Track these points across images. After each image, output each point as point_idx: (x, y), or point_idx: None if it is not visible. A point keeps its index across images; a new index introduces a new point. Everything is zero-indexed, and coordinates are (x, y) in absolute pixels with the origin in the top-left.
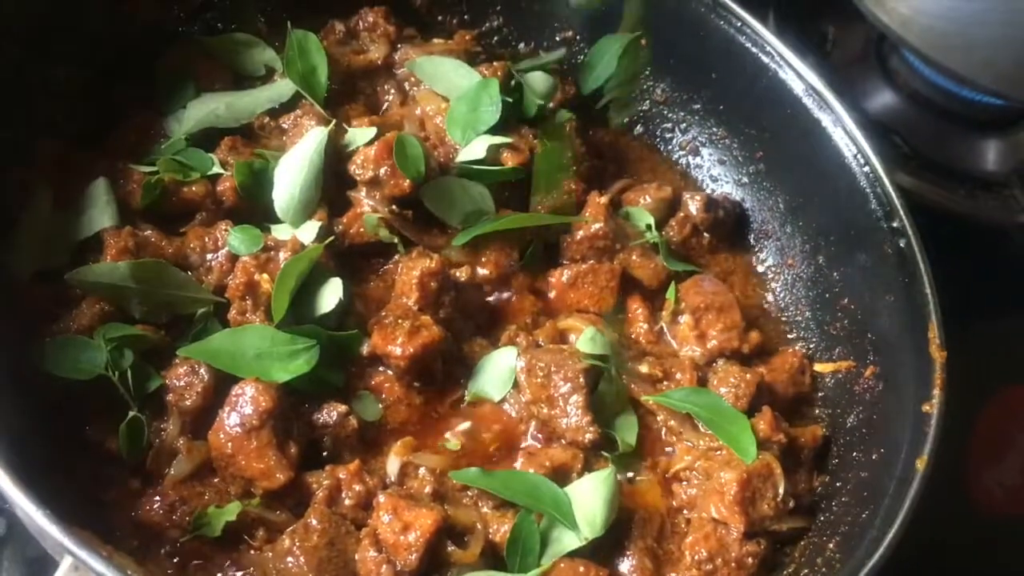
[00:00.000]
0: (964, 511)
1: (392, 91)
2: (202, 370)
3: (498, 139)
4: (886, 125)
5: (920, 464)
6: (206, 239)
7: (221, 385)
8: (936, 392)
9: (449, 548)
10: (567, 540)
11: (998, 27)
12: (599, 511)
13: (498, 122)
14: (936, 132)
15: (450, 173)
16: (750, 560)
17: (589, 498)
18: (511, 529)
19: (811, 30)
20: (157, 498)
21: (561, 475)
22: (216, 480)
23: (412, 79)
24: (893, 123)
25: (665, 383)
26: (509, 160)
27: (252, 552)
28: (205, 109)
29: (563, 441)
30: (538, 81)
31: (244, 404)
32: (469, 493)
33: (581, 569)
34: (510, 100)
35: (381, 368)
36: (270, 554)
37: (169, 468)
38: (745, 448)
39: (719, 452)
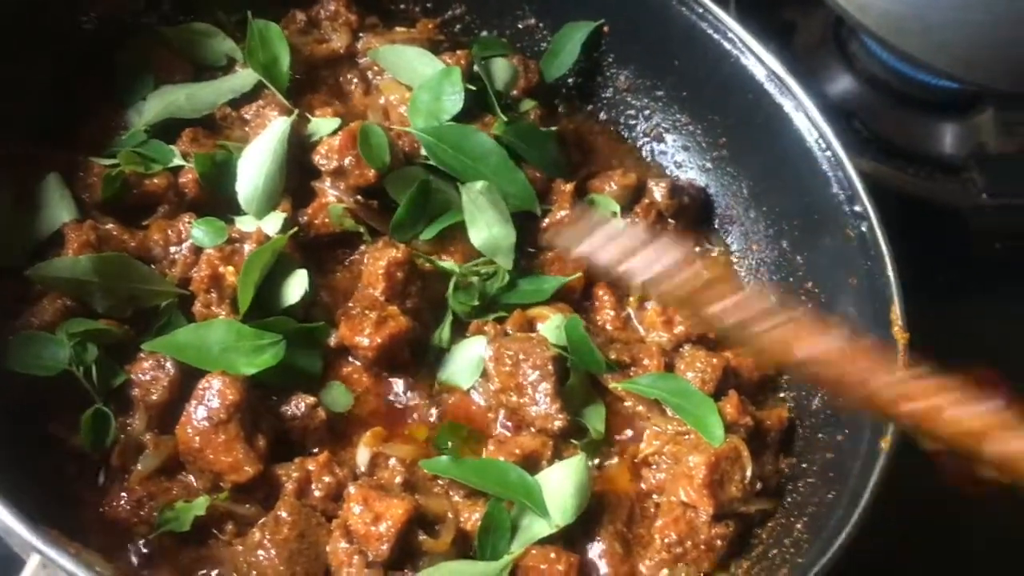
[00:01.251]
0: (934, 489)
1: (355, 80)
2: (168, 364)
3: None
4: (846, 109)
5: (884, 444)
6: (169, 232)
7: (187, 379)
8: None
9: (421, 537)
10: (537, 527)
11: (953, 11)
12: (570, 498)
13: (461, 111)
14: (894, 116)
15: (415, 163)
16: (719, 542)
17: (560, 485)
18: (482, 517)
19: (773, 16)
20: (123, 494)
21: (531, 463)
22: (183, 475)
23: (375, 68)
24: (852, 107)
25: (632, 369)
26: None
27: (222, 547)
28: (165, 100)
29: (532, 429)
30: (500, 69)
31: (211, 397)
32: (440, 482)
33: (552, 555)
34: (473, 88)
35: (349, 359)
36: (240, 548)
37: (136, 463)
38: (712, 432)
39: (687, 436)
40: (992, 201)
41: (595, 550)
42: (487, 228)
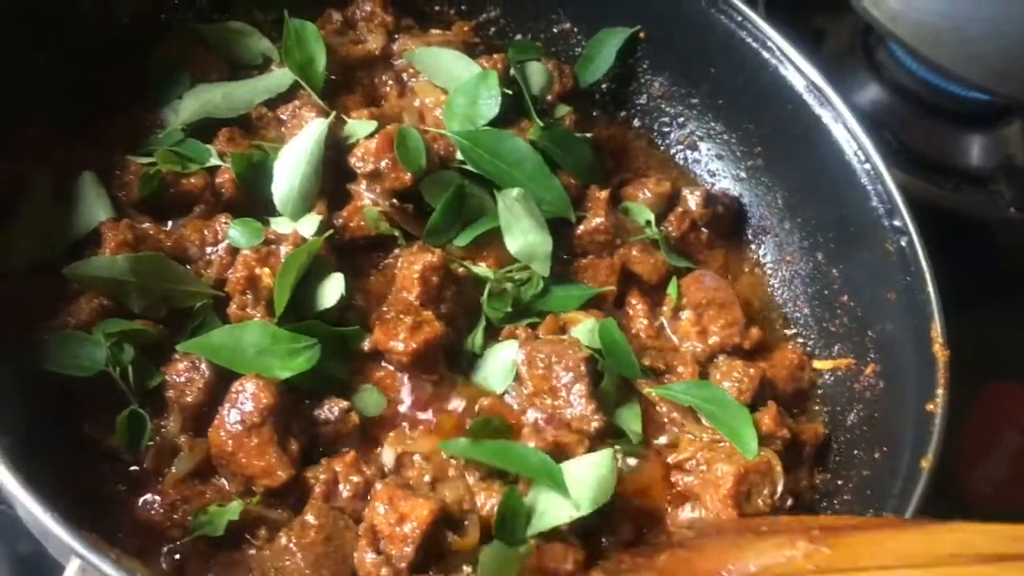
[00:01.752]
0: (958, 508)
1: (390, 82)
2: (203, 366)
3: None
4: (873, 118)
5: (925, 464)
6: (205, 232)
7: (222, 381)
8: (940, 391)
9: (449, 538)
10: (552, 514)
11: (987, 23)
12: (590, 490)
13: (497, 115)
14: (922, 126)
15: (450, 167)
16: None
17: (582, 474)
18: (498, 504)
19: (800, 23)
20: (157, 497)
21: (560, 454)
22: (217, 479)
23: (410, 70)
24: (879, 117)
25: (667, 376)
26: None
27: (253, 551)
28: (202, 99)
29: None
30: (535, 73)
31: (245, 401)
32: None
33: (559, 548)
34: (509, 92)
35: (383, 363)
36: (267, 552)
37: (170, 466)
38: (746, 443)
39: (722, 444)
40: (1020, 215)
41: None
42: (523, 235)
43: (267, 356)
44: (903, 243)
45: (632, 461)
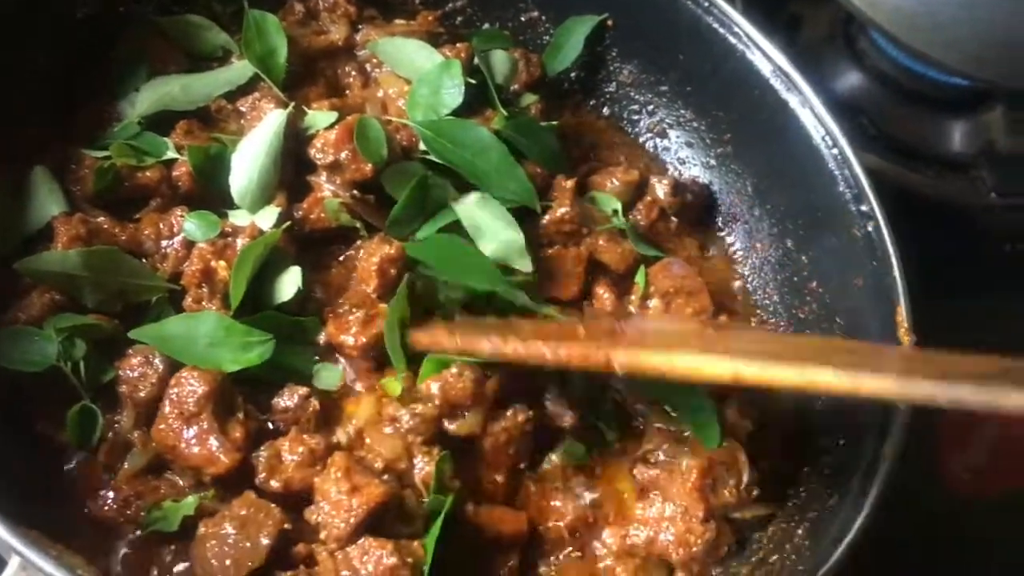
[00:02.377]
0: (938, 495)
1: (353, 73)
2: (156, 360)
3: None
4: (853, 106)
5: (888, 450)
6: (161, 225)
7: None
8: None
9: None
10: None
11: (965, 8)
12: None
13: (461, 105)
14: (902, 113)
15: (413, 157)
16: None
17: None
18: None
19: (779, 10)
20: (111, 493)
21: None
22: (171, 474)
23: (374, 61)
24: (860, 104)
25: None
26: None
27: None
28: (160, 91)
29: None
30: (500, 62)
31: (180, 392)
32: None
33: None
34: (473, 82)
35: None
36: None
37: (123, 461)
38: (709, 434)
39: (687, 434)
40: (1001, 201)
41: None
42: (494, 237)
43: (219, 348)
44: (870, 228)
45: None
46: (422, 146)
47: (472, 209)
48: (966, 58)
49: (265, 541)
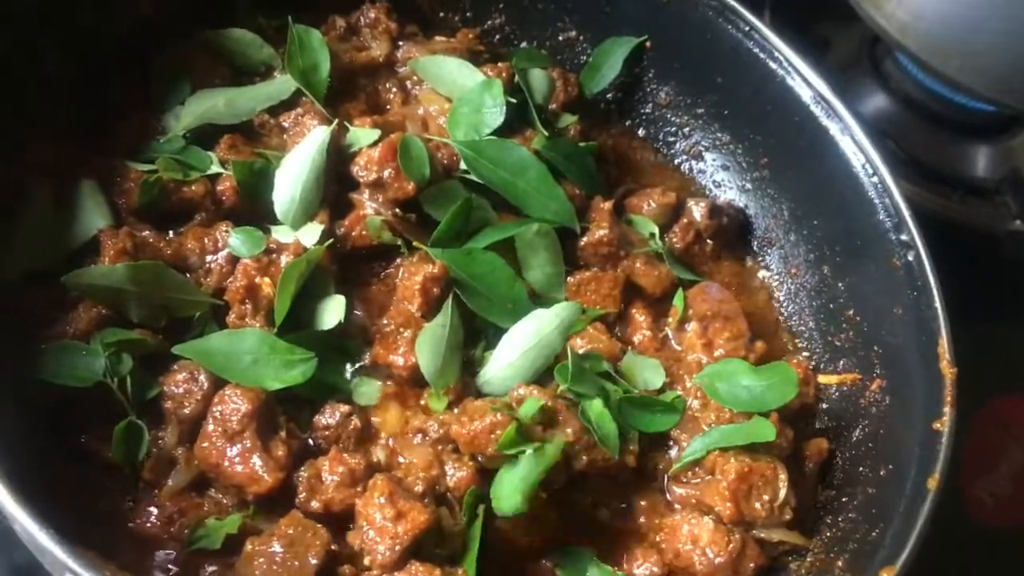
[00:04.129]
0: (958, 523)
1: (394, 89)
2: (201, 377)
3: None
4: (878, 129)
5: (932, 483)
6: (205, 240)
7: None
8: (947, 410)
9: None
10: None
11: (996, 35)
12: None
13: (502, 125)
14: (928, 137)
15: (453, 176)
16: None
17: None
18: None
19: (806, 32)
20: (154, 509)
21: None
22: (214, 491)
23: (414, 78)
24: (885, 127)
25: (672, 386)
26: None
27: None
28: (204, 105)
29: None
30: (539, 81)
31: (224, 410)
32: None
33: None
34: (514, 101)
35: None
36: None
37: (167, 479)
38: (764, 428)
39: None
40: None
41: None
42: (540, 269)
43: (262, 366)
44: (910, 257)
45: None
46: (463, 165)
47: (532, 238)
48: (996, 84)
49: (313, 561)
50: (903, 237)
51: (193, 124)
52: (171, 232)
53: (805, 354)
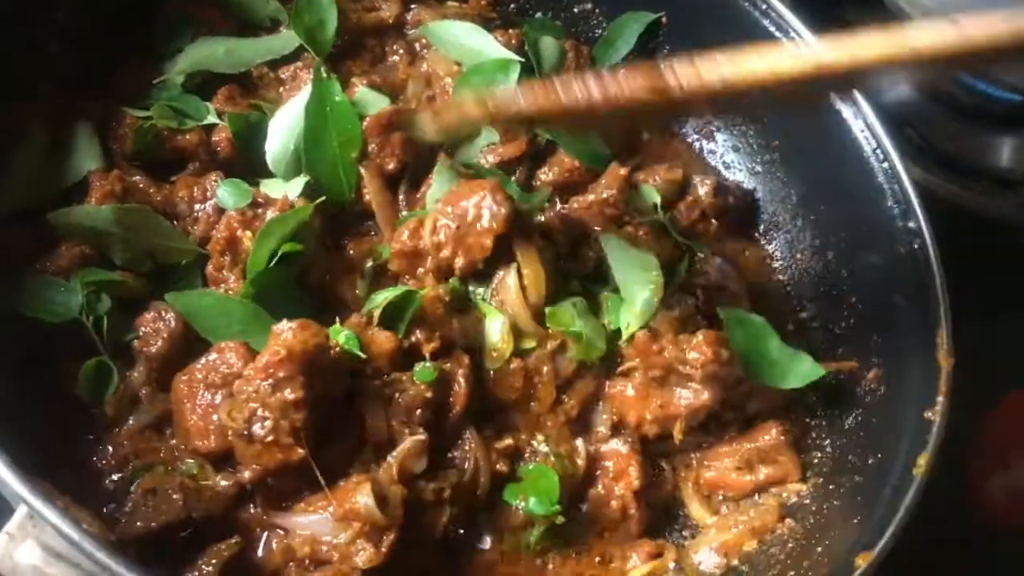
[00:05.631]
0: (967, 519)
1: (400, 51)
2: (169, 316)
3: (493, 136)
4: (899, 117)
5: (917, 472)
6: (195, 189)
7: (190, 334)
8: (940, 399)
9: None
10: None
11: None
12: None
13: None
14: (952, 126)
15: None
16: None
17: None
18: None
19: (828, 15)
20: (111, 447)
21: None
22: (170, 436)
23: (423, 41)
24: (906, 115)
25: None
26: (506, 153)
27: None
28: (204, 52)
29: None
30: (548, 50)
31: (219, 359)
32: None
33: None
34: (521, 60)
35: None
36: None
37: (130, 416)
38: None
39: None
40: None
41: None
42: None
43: (251, 336)
44: (916, 246)
45: None
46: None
47: None
48: None
49: None
50: (910, 225)
51: (190, 69)
52: (164, 180)
53: (805, 339)
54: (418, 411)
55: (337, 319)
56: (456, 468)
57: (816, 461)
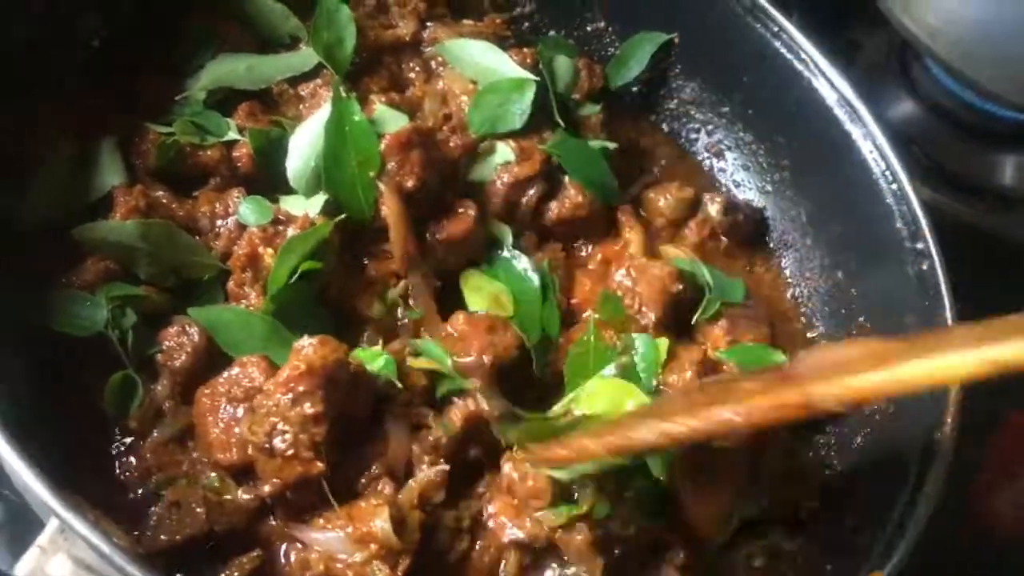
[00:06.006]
0: (970, 533)
1: (417, 68)
2: (193, 330)
3: (509, 155)
4: (905, 135)
5: (928, 491)
6: (217, 205)
7: (213, 348)
8: (949, 420)
9: None
10: None
11: None
12: None
13: (520, 130)
14: (955, 145)
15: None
16: None
17: None
18: None
19: (835, 35)
20: (134, 460)
21: None
22: (195, 452)
23: (439, 58)
24: (912, 133)
25: None
26: (520, 172)
27: None
28: (225, 68)
29: None
30: (563, 69)
31: (241, 373)
32: None
33: None
34: (537, 80)
35: None
36: None
37: (154, 430)
38: None
39: None
40: None
41: None
42: None
43: (272, 352)
44: (924, 267)
45: None
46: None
47: None
48: None
49: None
50: (919, 246)
51: (211, 85)
52: (186, 195)
53: None
54: (444, 443)
55: (380, 341)
56: (476, 498)
57: (825, 479)
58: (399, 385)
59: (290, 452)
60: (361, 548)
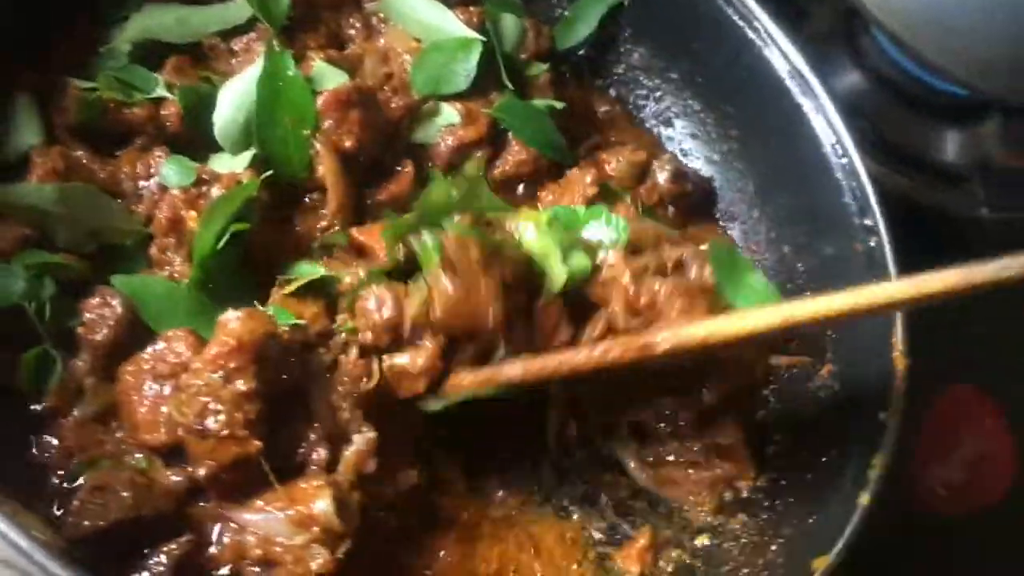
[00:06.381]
0: (907, 511)
1: (357, 25)
2: (115, 302)
3: (453, 117)
4: (851, 106)
5: (873, 474)
6: (139, 165)
7: (136, 321)
8: (896, 400)
9: None
10: None
11: (975, 17)
12: None
13: (465, 92)
14: (899, 117)
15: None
16: None
17: None
18: None
19: (781, 2)
20: (54, 440)
21: None
22: (117, 428)
23: (380, 15)
24: (857, 104)
25: None
26: (465, 135)
27: None
28: (153, 20)
29: None
30: (510, 28)
31: (167, 347)
32: None
33: None
34: (483, 39)
35: None
36: None
37: (73, 408)
38: None
39: None
40: (992, 215)
41: None
42: None
43: (198, 325)
44: (872, 243)
45: None
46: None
47: None
48: (972, 68)
49: None
50: (867, 222)
51: (137, 37)
52: (109, 154)
53: None
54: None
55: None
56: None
57: (768, 455)
58: (303, 322)
59: (224, 432)
60: (301, 531)
